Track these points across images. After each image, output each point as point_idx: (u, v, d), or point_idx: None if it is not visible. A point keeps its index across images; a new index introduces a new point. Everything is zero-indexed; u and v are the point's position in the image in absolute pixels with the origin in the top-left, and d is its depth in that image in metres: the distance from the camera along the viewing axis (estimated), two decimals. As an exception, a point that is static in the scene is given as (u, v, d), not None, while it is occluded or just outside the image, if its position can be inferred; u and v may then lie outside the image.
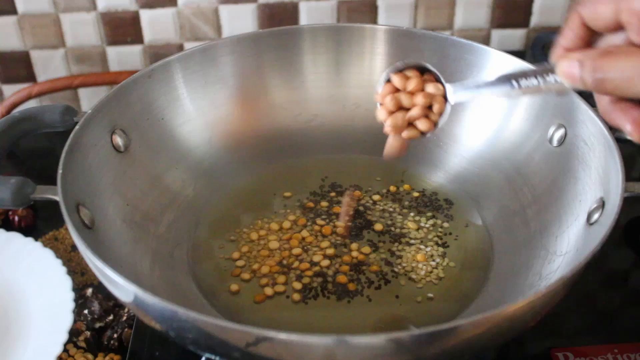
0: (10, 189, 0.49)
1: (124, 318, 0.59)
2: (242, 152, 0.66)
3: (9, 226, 0.69)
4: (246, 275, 0.56)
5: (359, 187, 0.64)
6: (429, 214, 0.61)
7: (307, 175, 0.66)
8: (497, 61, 0.62)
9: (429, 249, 0.58)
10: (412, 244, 0.58)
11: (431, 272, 0.56)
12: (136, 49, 0.93)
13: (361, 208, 0.62)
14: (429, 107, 0.50)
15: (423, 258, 0.57)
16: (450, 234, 0.59)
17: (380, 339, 0.39)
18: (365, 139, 0.68)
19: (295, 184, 0.65)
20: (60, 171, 0.49)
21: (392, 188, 0.64)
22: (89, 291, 0.61)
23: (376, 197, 0.63)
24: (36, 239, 0.64)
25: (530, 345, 0.56)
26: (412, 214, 0.61)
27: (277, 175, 0.65)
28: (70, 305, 0.57)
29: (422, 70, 0.52)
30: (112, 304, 0.60)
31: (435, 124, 0.50)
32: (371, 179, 0.65)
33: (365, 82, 0.67)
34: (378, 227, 0.60)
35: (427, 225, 0.60)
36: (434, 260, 0.57)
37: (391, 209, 0.62)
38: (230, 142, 0.65)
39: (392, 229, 0.60)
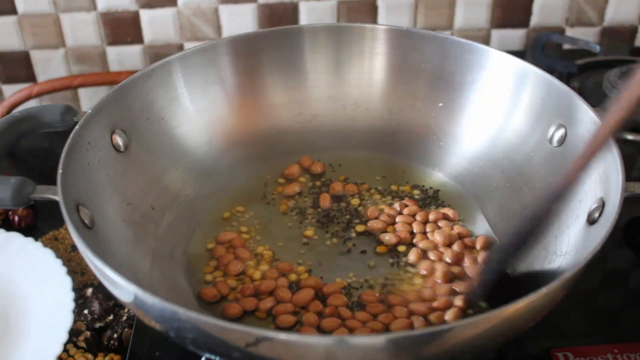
0: (10, 188, 0.49)
1: (124, 318, 0.59)
2: (242, 152, 0.66)
3: (9, 226, 0.69)
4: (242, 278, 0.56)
5: (358, 186, 0.64)
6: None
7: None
8: (497, 61, 0.62)
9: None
10: (414, 244, 0.58)
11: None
12: (136, 49, 0.93)
13: (361, 208, 0.62)
14: None
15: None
16: (450, 234, 0.59)
17: (380, 339, 0.39)
18: (365, 139, 0.68)
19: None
20: (60, 171, 0.49)
21: (393, 187, 0.64)
22: (89, 291, 0.61)
23: (377, 197, 0.63)
24: (36, 239, 0.64)
25: (530, 345, 0.56)
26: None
27: (277, 175, 0.65)
28: (70, 305, 0.57)
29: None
30: (112, 304, 0.60)
31: None
32: (371, 178, 0.65)
33: (365, 82, 0.67)
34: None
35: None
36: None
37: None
38: (230, 142, 0.65)
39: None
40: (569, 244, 0.52)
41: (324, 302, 0.52)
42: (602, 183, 0.51)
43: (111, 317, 0.59)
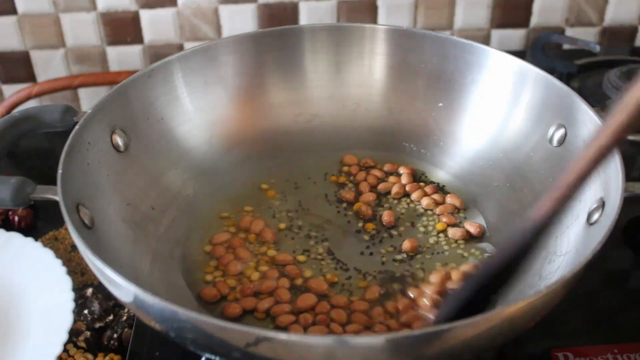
0: (10, 188, 0.49)
1: (124, 318, 0.59)
2: (242, 152, 0.66)
3: (9, 226, 0.69)
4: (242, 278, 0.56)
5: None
6: (429, 213, 0.61)
7: (307, 174, 0.65)
8: (497, 61, 0.62)
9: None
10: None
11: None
12: (136, 49, 0.93)
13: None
14: None
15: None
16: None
17: (380, 340, 0.39)
18: (365, 139, 0.68)
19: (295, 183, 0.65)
20: (60, 171, 0.49)
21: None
22: (89, 291, 0.61)
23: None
24: (36, 239, 0.64)
25: (530, 345, 0.56)
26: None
27: (277, 174, 0.65)
28: (70, 305, 0.57)
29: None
30: (112, 304, 0.60)
31: None
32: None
33: (365, 82, 0.67)
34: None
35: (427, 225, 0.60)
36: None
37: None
38: (230, 142, 0.65)
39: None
40: (569, 244, 0.52)
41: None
42: (602, 183, 0.51)
43: (111, 317, 0.59)
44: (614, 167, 0.49)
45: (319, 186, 0.64)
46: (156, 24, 0.91)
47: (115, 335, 0.58)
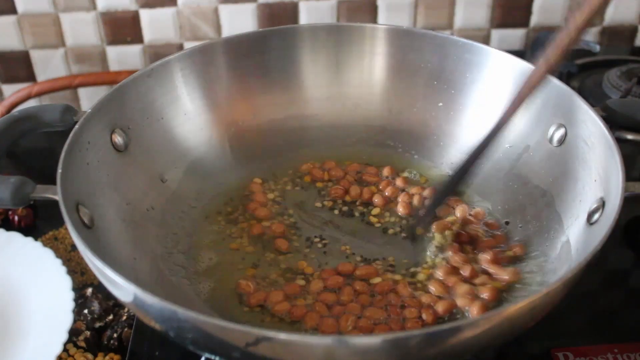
0: (9, 188, 0.49)
1: (124, 318, 0.59)
2: (241, 151, 0.66)
3: (9, 226, 0.69)
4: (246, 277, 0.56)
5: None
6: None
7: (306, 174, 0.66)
8: (497, 61, 0.62)
9: (430, 249, 0.58)
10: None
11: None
12: (136, 48, 0.93)
13: (360, 208, 0.62)
14: None
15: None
16: (450, 233, 0.59)
17: (379, 340, 0.39)
18: (365, 139, 0.68)
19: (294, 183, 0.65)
20: (59, 170, 0.49)
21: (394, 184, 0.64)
22: (89, 291, 0.61)
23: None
24: (36, 239, 0.64)
25: (530, 345, 0.56)
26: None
27: (277, 174, 0.65)
28: (70, 305, 0.57)
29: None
30: (112, 304, 0.60)
31: None
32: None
33: (365, 82, 0.67)
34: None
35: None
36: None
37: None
38: (230, 142, 0.65)
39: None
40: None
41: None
42: (602, 183, 0.51)
43: (111, 317, 0.59)
44: (614, 167, 0.49)
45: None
46: (156, 24, 0.91)
47: (115, 335, 0.58)
